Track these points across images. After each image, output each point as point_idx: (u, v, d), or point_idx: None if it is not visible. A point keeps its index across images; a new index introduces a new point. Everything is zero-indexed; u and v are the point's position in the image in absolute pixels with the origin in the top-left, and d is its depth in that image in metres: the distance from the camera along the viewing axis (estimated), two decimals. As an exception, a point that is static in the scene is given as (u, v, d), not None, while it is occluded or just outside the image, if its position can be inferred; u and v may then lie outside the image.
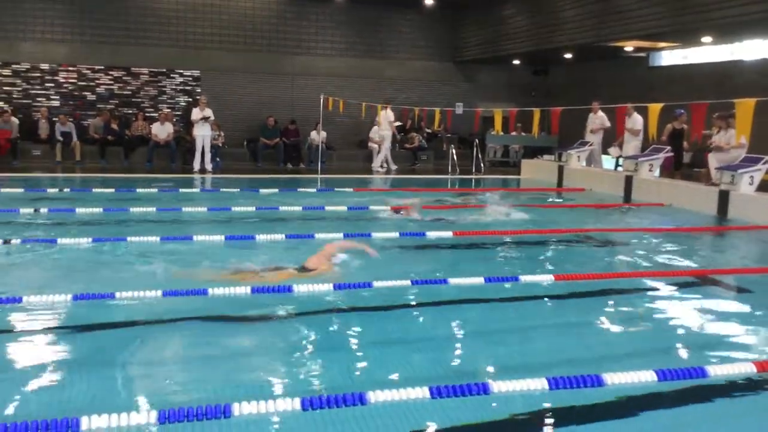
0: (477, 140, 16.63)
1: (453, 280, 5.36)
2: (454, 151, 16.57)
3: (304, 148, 17.15)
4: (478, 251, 7.16)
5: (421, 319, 4.90)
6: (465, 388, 3.37)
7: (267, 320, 4.63)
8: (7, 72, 16.76)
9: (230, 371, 3.79)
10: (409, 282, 5.27)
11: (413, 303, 5.13)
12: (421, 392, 3.28)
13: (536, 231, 8.21)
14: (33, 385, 3.51)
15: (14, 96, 16.80)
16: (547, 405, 3.39)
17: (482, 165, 16.58)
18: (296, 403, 3.15)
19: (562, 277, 5.59)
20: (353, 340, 4.40)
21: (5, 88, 16.75)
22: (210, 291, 4.71)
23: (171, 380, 3.66)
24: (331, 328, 4.61)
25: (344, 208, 9.18)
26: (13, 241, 6.48)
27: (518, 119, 17.48)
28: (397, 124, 16.88)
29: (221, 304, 4.76)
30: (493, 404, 3.36)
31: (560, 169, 13.74)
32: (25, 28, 16.65)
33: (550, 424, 3.31)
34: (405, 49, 19.74)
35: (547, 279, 5.59)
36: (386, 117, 16.43)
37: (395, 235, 7.25)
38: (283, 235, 6.85)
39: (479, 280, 5.35)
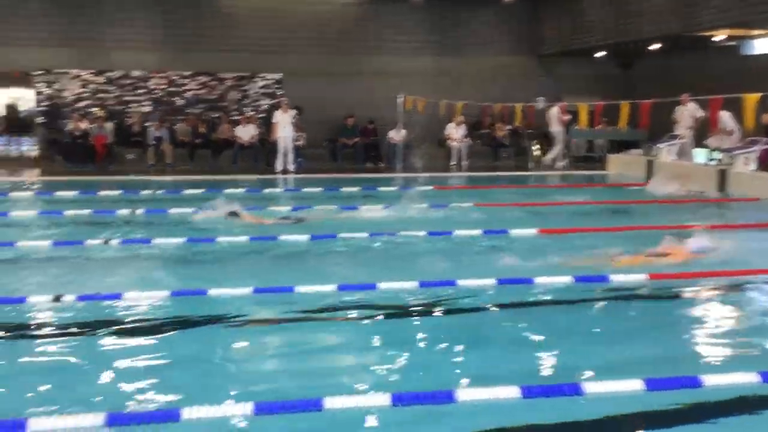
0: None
1: (539, 279, 5.27)
2: (535, 147, 16.29)
3: (383, 147, 17.24)
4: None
5: (506, 319, 4.82)
6: (556, 388, 3.33)
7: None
8: (101, 80, 17.63)
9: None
10: (494, 281, 5.22)
11: (498, 302, 5.05)
12: (512, 392, 3.26)
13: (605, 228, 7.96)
14: (133, 377, 3.67)
15: (109, 102, 17.65)
16: (641, 407, 3.29)
17: (565, 161, 16.21)
18: (386, 398, 3.19)
19: (657, 276, 5.40)
20: (438, 339, 4.40)
21: (100, 95, 17.62)
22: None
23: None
24: (411, 326, 4.61)
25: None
26: (112, 242, 6.82)
27: (603, 113, 17.01)
28: (567, 117, 16.64)
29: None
30: (585, 405, 3.30)
31: (649, 164, 13.27)
32: (118, 38, 17.46)
33: (645, 428, 3.21)
34: (483, 44, 19.53)
35: (640, 278, 5.39)
36: (553, 114, 16.31)
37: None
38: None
39: (568, 279, 5.24)
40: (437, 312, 4.83)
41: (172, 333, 4.40)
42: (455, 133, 17.15)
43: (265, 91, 18.51)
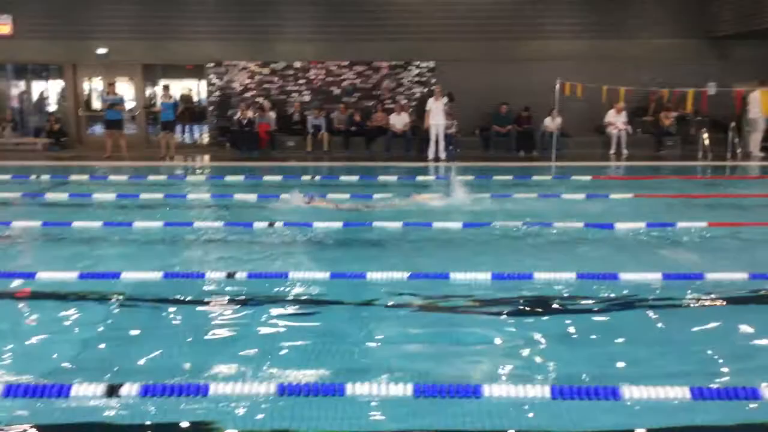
0: (733, 124, 15.04)
1: (710, 275, 4.94)
2: (705, 135, 15.18)
3: (538, 135, 16.84)
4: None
5: (669, 316, 4.56)
6: (731, 391, 3.12)
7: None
8: (266, 71, 18.63)
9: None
10: (659, 275, 4.96)
11: (659, 298, 4.79)
12: (681, 392, 3.10)
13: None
14: (297, 351, 3.88)
15: (272, 92, 18.63)
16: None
17: (739, 151, 14.98)
18: (546, 390, 3.16)
19: None
20: (593, 332, 4.26)
21: (265, 85, 18.64)
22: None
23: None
24: (566, 320, 4.48)
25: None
26: (276, 224, 7.22)
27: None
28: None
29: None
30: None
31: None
32: (282, 31, 18.35)
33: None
34: (648, 26, 18.41)
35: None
36: (755, 99, 15.48)
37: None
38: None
39: (743, 275, 4.87)
40: (594, 306, 4.66)
41: (332, 312, 4.59)
42: (616, 120, 16.41)
43: (418, 79, 18.68)
